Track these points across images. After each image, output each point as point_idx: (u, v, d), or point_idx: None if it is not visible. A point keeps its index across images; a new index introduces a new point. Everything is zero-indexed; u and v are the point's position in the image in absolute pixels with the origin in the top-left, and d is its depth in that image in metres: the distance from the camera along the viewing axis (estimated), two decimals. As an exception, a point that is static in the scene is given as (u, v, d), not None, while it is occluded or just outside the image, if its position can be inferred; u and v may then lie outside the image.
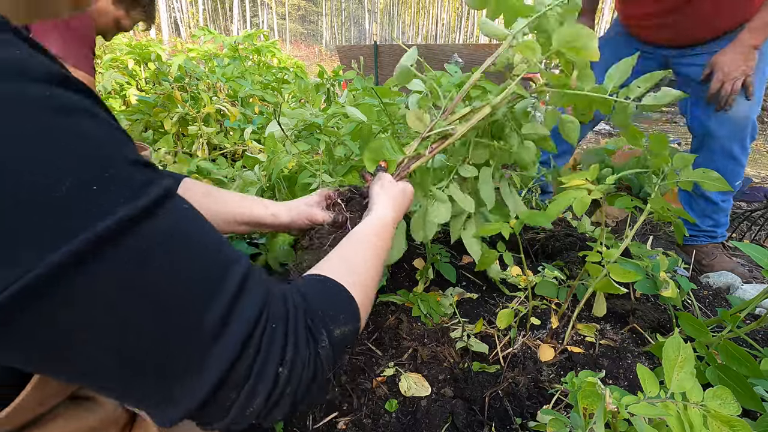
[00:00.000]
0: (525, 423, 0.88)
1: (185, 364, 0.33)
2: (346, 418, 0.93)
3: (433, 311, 1.16)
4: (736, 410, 0.52)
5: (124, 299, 0.29)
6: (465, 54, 5.05)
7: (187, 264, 0.33)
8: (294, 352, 0.38)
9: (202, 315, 0.33)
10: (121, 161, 0.31)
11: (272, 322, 0.37)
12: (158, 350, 0.32)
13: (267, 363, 0.36)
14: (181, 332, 0.32)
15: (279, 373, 0.36)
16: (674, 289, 0.97)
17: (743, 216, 1.91)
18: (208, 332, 0.33)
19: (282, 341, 0.37)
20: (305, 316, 0.41)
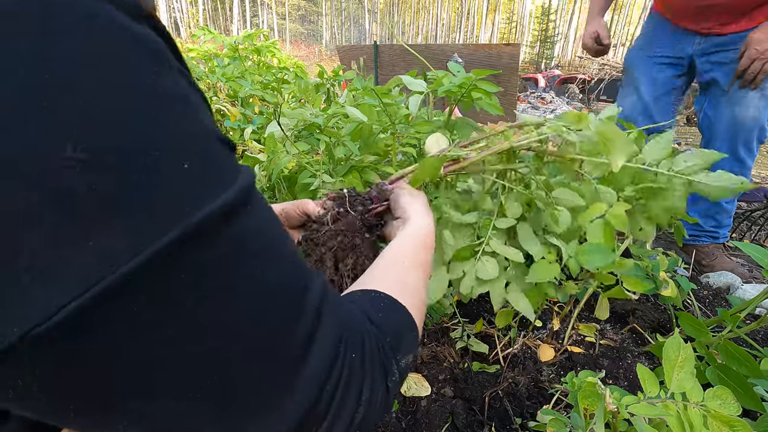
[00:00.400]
0: (525, 423, 0.88)
1: (267, 393, 0.26)
2: (346, 418, 0.93)
3: (433, 311, 1.16)
4: (736, 410, 0.52)
5: (215, 299, 0.24)
6: (465, 54, 5.05)
7: (275, 268, 0.27)
8: (371, 385, 0.32)
9: (291, 331, 0.27)
10: (216, 136, 0.26)
11: (351, 349, 0.31)
12: (240, 370, 0.25)
13: (347, 397, 0.30)
14: (267, 349, 0.26)
15: (356, 412, 0.31)
16: (674, 288, 0.97)
17: (743, 216, 1.91)
18: (294, 354, 0.27)
19: (361, 373, 0.31)
20: (377, 344, 0.35)
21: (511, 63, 4.89)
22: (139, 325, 0.22)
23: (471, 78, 0.85)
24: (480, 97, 0.89)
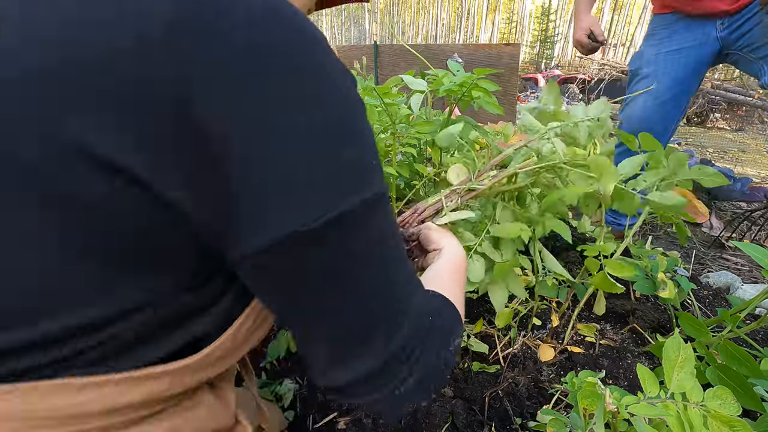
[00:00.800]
0: (525, 423, 0.88)
1: (392, 320, 0.38)
2: (346, 418, 0.93)
3: (433, 311, 1.16)
4: (736, 410, 0.52)
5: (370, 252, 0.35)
6: (465, 54, 5.05)
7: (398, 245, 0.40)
8: (440, 347, 0.42)
9: (406, 284, 0.40)
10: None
11: (431, 315, 0.42)
12: (378, 304, 0.37)
13: (425, 351, 0.40)
14: (396, 293, 0.38)
15: (427, 367, 0.41)
16: (672, 289, 0.97)
17: (743, 216, 1.91)
18: (404, 303, 0.39)
19: (434, 336, 0.42)
20: (441, 332, 0.44)
21: (511, 63, 4.90)
22: (339, 253, 0.33)
23: (471, 77, 0.85)
24: (480, 95, 0.89)
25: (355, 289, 0.35)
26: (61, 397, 0.33)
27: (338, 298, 0.35)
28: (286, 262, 0.32)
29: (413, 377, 0.39)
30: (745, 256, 1.72)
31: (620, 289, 0.87)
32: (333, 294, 0.35)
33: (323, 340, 0.37)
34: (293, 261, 0.32)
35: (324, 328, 0.36)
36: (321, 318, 0.36)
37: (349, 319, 0.36)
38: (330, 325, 0.36)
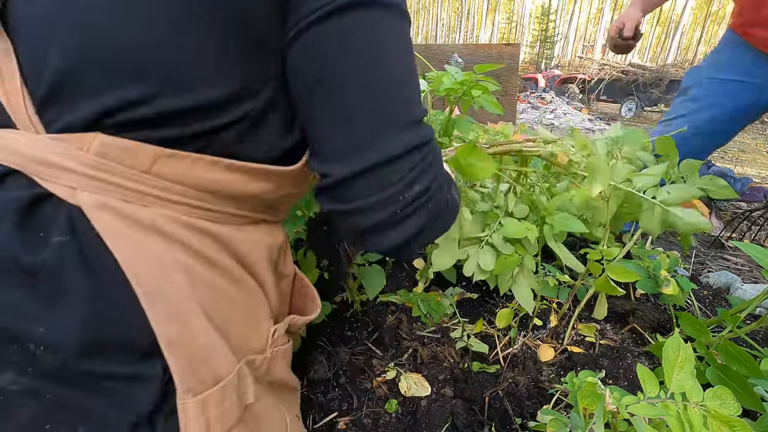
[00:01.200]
0: (525, 423, 0.88)
1: (405, 120, 0.41)
2: (346, 418, 0.92)
3: (433, 311, 1.16)
4: (736, 410, 0.52)
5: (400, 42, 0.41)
6: (465, 54, 5.05)
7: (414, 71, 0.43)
8: (442, 179, 0.46)
9: (418, 101, 0.43)
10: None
11: (435, 150, 0.46)
12: (401, 87, 0.41)
13: (432, 166, 0.44)
14: (414, 97, 0.42)
15: (432, 183, 0.44)
16: (675, 286, 0.96)
17: (743, 216, 1.91)
18: (417, 114, 0.43)
19: (437, 166, 0.46)
20: (446, 170, 0.50)
21: (511, 63, 4.89)
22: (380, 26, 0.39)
23: (472, 75, 0.85)
24: (480, 94, 0.89)
25: (385, 65, 0.39)
26: (213, 172, 0.41)
27: (369, 71, 0.39)
28: (332, 27, 0.37)
29: (420, 186, 0.42)
30: (745, 256, 1.72)
31: (620, 291, 0.87)
32: (368, 66, 0.38)
33: (346, 120, 0.40)
34: (338, 26, 0.37)
35: (350, 103, 0.39)
36: (349, 92, 0.39)
37: (373, 98, 0.39)
38: (355, 102, 0.39)
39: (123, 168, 0.36)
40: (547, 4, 37.43)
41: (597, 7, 42.97)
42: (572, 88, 11.95)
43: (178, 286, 0.38)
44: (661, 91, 9.83)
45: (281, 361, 0.53)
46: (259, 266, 0.49)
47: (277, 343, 0.52)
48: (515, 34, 44.78)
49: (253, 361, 0.47)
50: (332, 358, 1.07)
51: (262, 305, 0.51)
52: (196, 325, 0.39)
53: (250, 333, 0.48)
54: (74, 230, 0.35)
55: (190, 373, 0.39)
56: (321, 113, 0.40)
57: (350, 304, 1.24)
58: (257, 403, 0.47)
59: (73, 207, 0.36)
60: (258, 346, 0.49)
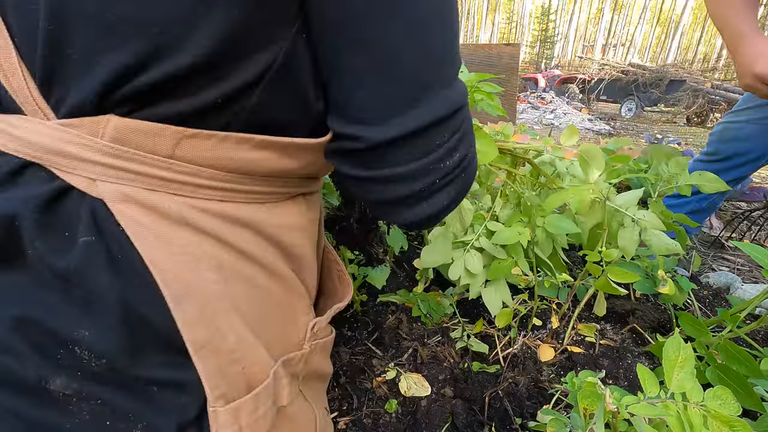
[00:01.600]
0: (525, 423, 0.88)
1: (448, 75, 0.36)
2: (346, 418, 0.93)
3: (433, 311, 1.16)
4: (736, 410, 0.52)
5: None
6: (465, 54, 5.04)
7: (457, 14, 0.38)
8: (475, 144, 0.43)
9: (458, 51, 0.38)
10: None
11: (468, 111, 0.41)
12: (448, 32, 0.35)
13: (468, 133, 0.40)
14: (455, 47, 0.37)
15: (470, 149, 0.41)
16: (672, 286, 0.97)
17: (743, 216, 1.91)
18: (458, 66, 0.38)
19: (472, 130, 0.42)
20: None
21: (511, 63, 4.89)
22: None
23: (472, 80, 0.85)
24: (482, 98, 0.89)
25: (432, 3, 0.34)
26: (243, 151, 0.36)
27: (416, 10, 0.33)
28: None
29: (460, 153, 0.39)
30: (745, 256, 1.72)
31: (622, 291, 0.88)
32: (414, 4, 0.33)
33: (386, 73, 0.34)
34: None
35: (392, 53, 0.33)
36: (392, 38, 0.33)
37: (421, 46, 0.34)
38: (399, 50, 0.33)
39: (143, 154, 0.33)
40: (547, 4, 37.44)
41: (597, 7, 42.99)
42: (572, 88, 11.95)
43: (208, 284, 0.35)
44: (661, 91, 9.83)
45: (320, 354, 0.50)
46: (299, 249, 0.45)
47: (318, 336, 0.48)
48: (515, 34, 44.79)
49: (291, 359, 0.44)
50: (332, 357, 1.07)
51: (301, 297, 0.47)
52: (227, 326, 0.36)
53: (288, 329, 0.45)
54: (99, 227, 0.33)
55: (221, 378, 0.36)
56: (353, 64, 0.34)
57: (350, 304, 1.24)
58: (290, 405, 0.44)
59: (95, 200, 0.33)
60: (296, 341, 0.46)
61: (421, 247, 1.56)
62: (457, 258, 0.83)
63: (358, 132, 0.36)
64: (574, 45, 41.34)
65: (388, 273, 1.09)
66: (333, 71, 0.35)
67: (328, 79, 0.36)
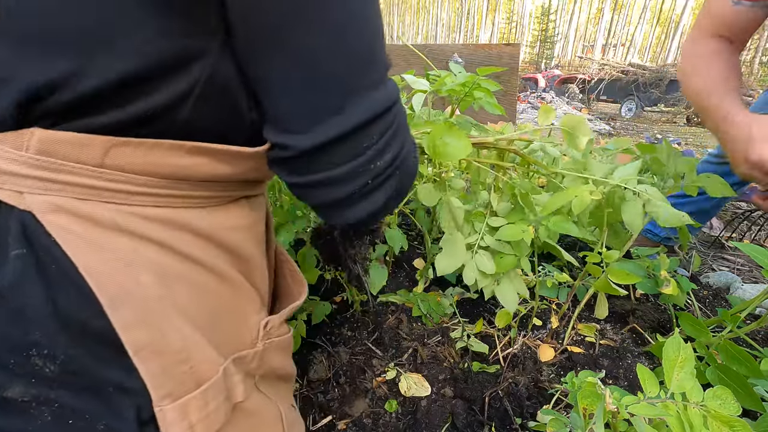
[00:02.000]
0: (525, 423, 0.88)
1: (372, 78, 0.36)
2: (346, 419, 0.93)
3: (433, 311, 1.16)
4: (736, 410, 0.52)
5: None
6: (465, 54, 5.05)
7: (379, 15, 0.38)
8: (411, 144, 0.43)
9: (384, 52, 0.38)
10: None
11: (401, 111, 0.42)
12: (370, 36, 0.36)
13: (399, 132, 0.40)
14: (379, 48, 0.37)
15: (402, 148, 0.41)
16: (675, 286, 0.96)
17: (743, 216, 1.91)
18: (385, 68, 0.38)
19: (405, 128, 0.42)
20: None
21: (511, 63, 4.89)
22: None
23: (474, 77, 0.85)
24: (482, 96, 0.89)
25: (351, 9, 0.34)
26: (176, 157, 0.36)
27: (334, 17, 0.33)
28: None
29: (391, 153, 0.39)
30: (745, 256, 1.72)
31: (622, 292, 0.87)
32: (332, 10, 0.33)
33: (307, 82, 0.35)
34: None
35: (313, 61, 0.34)
36: (311, 45, 0.33)
37: (341, 53, 0.34)
38: (320, 58, 0.34)
39: (71, 164, 0.33)
40: (547, 4, 37.44)
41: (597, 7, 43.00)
42: (572, 88, 11.96)
43: (147, 287, 0.36)
44: (661, 91, 9.83)
45: (277, 352, 0.51)
46: (245, 249, 0.46)
47: (272, 335, 0.50)
48: (515, 34, 44.80)
49: (243, 357, 0.45)
50: (332, 358, 1.07)
51: (251, 297, 0.48)
52: (170, 327, 0.37)
53: (239, 328, 0.46)
54: (29, 240, 0.33)
55: (166, 378, 0.37)
56: (275, 74, 0.35)
57: (350, 304, 1.24)
58: (248, 401, 0.46)
59: (24, 213, 0.33)
60: (248, 340, 0.47)
61: (421, 248, 1.56)
62: (467, 261, 0.82)
63: (287, 141, 0.37)
64: (574, 45, 41.34)
65: (385, 277, 1.09)
66: (258, 81, 0.36)
67: (255, 89, 0.37)
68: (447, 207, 0.83)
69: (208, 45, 0.34)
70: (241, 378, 0.44)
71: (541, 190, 0.89)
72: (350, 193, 0.39)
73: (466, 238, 0.84)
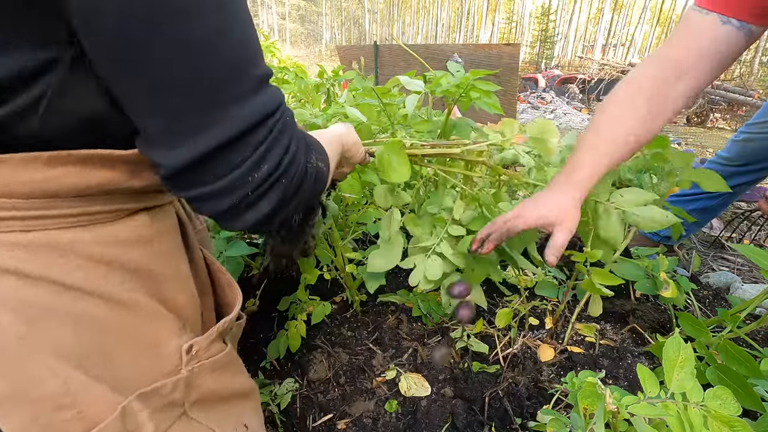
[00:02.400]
0: (525, 423, 0.88)
1: (236, 93, 0.35)
2: (346, 419, 0.93)
3: (433, 311, 1.16)
4: (736, 410, 0.52)
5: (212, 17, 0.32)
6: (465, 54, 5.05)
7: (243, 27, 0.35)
8: (296, 148, 0.41)
9: (253, 63, 0.36)
10: None
11: (287, 115, 0.40)
12: (222, 70, 0.33)
13: (277, 142, 0.38)
14: (242, 62, 0.35)
15: (283, 157, 0.39)
16: (674, 289, 0.96)
17: (743, 216, 1.91)
18: (254, 80, 0.36)
19: (289, 135, 0.40)
20: (303, 135, 0.45)
21: (511, 63, 4.90)
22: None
23: (468, 78, 0.85)
24: (479, 96, 0.89)
25: (207, 17, 0.31)
26: (32, 171, 0.33)
27: (188, 28, 0.31)
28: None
29: (269, 164, 0.38)
30: (745, 256, 1.72)
31: (606, 293, 0.86)
32: (185, 20, 0.30)
33: (164, 100, 0.33)
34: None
35: (166, 77, 0.32)
36: (164, 60, 0.31)
37: (198, 67, 0.32)
38: (173, 74, 0.32)
39: None
40: (547, 4, 37.45)
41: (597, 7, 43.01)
42: (572, 88, 11.95)
43: (6, 329, 0.31)
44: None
45: (214, 374, 0.47)
46: (151, 266, 0.42)
47: (201, 357, 0.45)
48: (515, 34, 44.81)
49: (156, 389, 0.41)
50: (332, 358, 1.07)
51: (164, 321, 0.43)
52: (40, 370, 0.33)
53: (147, 359, 0.41)
54: None
55: (41, 429, 0.33)
56: (133, 90, 0.32)
57: (350, 304, 1.24)
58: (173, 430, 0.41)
59: None
60: (166, 369, 0.42)
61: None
62: (418, 263, 0.82)
63: (156, 158, 0.35)
64: (574, 45, 41.36)
65: (383, 277, 1.09)
66: (120, 98, 0.34)
67: (121, 105, 0.35)
68: (389, 215, 0.84)
69: (58, 57, 0.31)
70: (148, 414, 0.40)
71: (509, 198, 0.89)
72: (231, 206, 0.38)
73: (425, 242, 0.83)
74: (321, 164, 0.46)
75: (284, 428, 0.92)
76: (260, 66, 0.37)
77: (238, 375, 0.52)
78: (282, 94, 0.40)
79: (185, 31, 0.31)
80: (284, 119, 0.40)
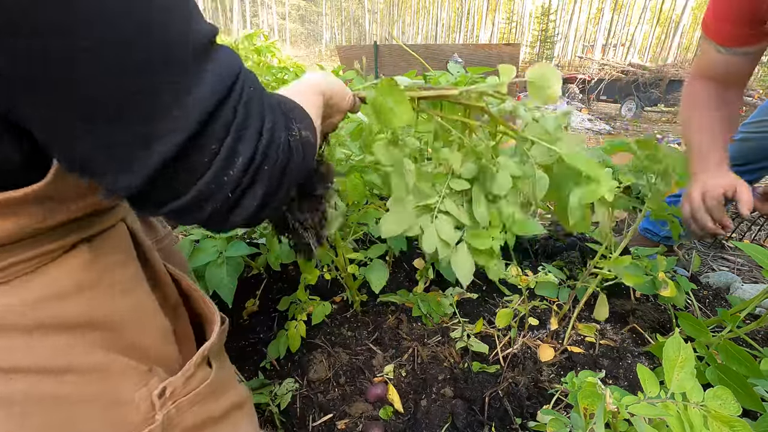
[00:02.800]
0: (525, 423, 0.88)
1: (173, 93, 0.29)
2: (346, 419, 0.93)
3: (433, 311, 1.16)
4: (736, 410, 0.52)
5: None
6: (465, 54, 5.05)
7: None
8: (271, 124, 0.35)
9: (188, 42, 0.29)
10: None
11: (250, 85, 0.34)
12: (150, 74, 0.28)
13: (247, 123, 0.33)
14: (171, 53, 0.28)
15: (259, 141, 0.33)
16: (673, 288, 0.96)
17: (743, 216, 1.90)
18: (198, 50, 0.30)
19: (259, 109, 0.34)
20: (277, 101, 0.39)
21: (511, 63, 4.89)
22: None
23: (467, 77, 0.85)
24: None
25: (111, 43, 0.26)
26: None
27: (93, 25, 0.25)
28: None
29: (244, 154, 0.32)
30: (745, 256, 1.72)
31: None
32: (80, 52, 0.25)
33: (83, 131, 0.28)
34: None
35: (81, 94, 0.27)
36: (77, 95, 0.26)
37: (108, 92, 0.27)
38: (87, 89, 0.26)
39: None
40: (547, 4, 37.43)
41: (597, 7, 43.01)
42: (572, 88, 11.95)
43: None
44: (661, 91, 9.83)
45: (197, 406, 0.44)
46: (103, 310, 0.37)
47: (178, 396, 0.42)
48: (515, 34, 44.80)
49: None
50: (332, 358, 1.07)
51: (125, 373, 0.38)
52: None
53: (114, 425, 0.37)
54: None
55: None
56: (51, 119, 0.28)
57: (350, 304, 1.24)
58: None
59: None
60: (135, 421, 0.38)
61: (420, 248, 1.56)
62: (425, 227, 0.72)
63: (108, 185, 0.30)
64: (574, 45, 41.36)
65: (386, 275, 1.09)
66: (42, 131, 0.29)
67: (45, 141, 0.30)
68: (399, 168, 0.74)
69: None
70: None
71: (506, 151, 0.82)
72: (214, 211, 0.33)
73: (424, 200, 0.74)
74: (306, 132, 0.40)
75: (284, 428, 0.92)
76: (202, 25, 0.30)
77: (229, 392, 0.49)
78: (237, 55, 0.33)
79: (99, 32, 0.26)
80: (248, 89, 0.33)
